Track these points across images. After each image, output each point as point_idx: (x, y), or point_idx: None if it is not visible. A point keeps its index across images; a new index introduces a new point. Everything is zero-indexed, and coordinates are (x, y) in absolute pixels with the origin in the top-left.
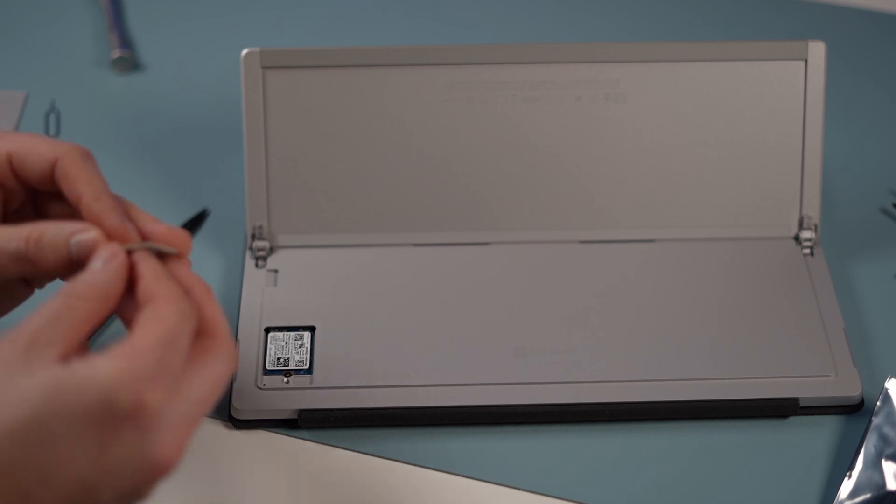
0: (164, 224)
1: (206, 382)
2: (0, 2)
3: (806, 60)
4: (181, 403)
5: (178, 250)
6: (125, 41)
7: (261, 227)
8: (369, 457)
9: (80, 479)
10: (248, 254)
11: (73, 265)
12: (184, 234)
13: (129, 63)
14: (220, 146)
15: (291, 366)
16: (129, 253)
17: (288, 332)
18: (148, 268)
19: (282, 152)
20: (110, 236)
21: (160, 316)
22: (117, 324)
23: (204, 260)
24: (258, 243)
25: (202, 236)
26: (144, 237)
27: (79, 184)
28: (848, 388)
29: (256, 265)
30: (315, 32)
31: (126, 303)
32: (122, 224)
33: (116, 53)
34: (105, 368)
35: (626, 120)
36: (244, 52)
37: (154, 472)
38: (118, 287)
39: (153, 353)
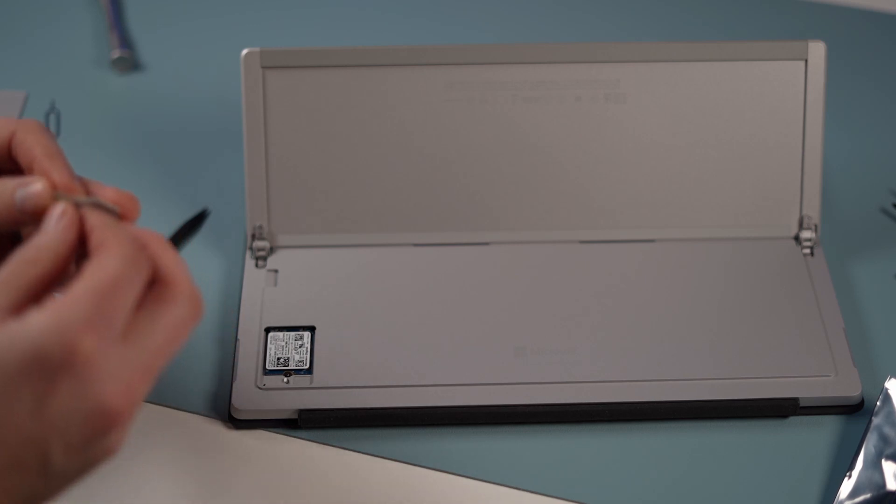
0: (113, 187)
1: (163, 330)
2: (0, 2)
3: (806, 60)
4: (133, 352)
5: (124, 211)
6: (125, 41)
7: (261, 227)
8: (369, 457)
9: (24, 436)
10: (248, 254)
11: (21, 218)
12: (133, 197)
13: (129, 63)
14: (220, 146)
15: (291, 366)
16: (79, 208)
17: (288, 332)
18: (98, 220)
19: (282, 152)
20: (58, 190)
21: (101, 263)
22: None
23: (204, 260)
24: (258, 243)
25: (202, 236)
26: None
27: (34, 147)
28: (848, 388)
29: (256, 265)
30: (315, 32)
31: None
32: (71, 179)
33: (116, 53)
34: (36, 320)
35: (626, 120)
36: (244, 52)
37: (103, 422)
38: (69, 245)
39: (88, 301)
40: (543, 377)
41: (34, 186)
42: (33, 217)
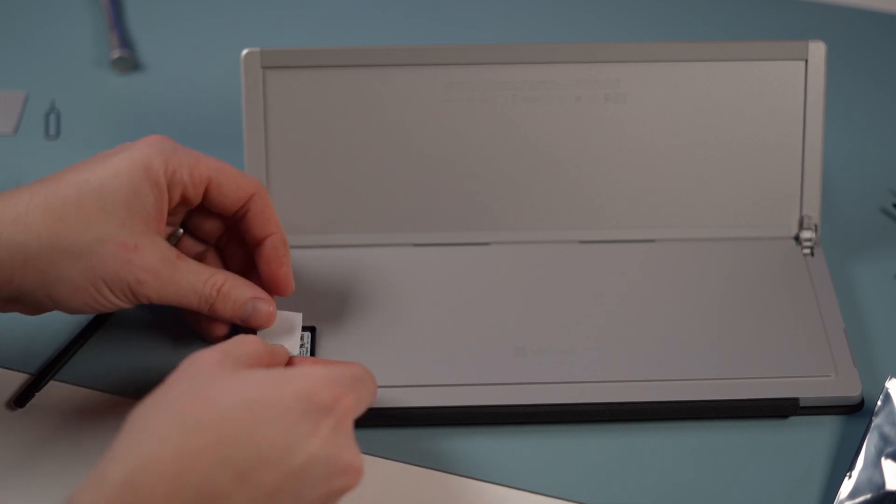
0: (285, 268)
1: None
2: (0, 2)
3: (806, 60)
4: None
5: (285, 294)
6: (125, 41)
7: None
8: (369, 457)
9: (288, 468)
10: None
11: (238, 321)
12: (290, 282)
13: (129, 63)
14: (220, 146)
15: None
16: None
17: None
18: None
19: (282, 152)
20: (279, 282)
21: (352, 365)
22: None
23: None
24: None
25: None
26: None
27: (272, 224)
28: (848, 388)
29: None
30: (315, 32)
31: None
32: (290, 278)
33: (116, 53)
34: (313, 368)
35: (626, 120)
36: (244, 52)
37: (343, 474)
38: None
39: (349, 376)
40: (543, 377)
41: (266, 307)
42: (247, 323)
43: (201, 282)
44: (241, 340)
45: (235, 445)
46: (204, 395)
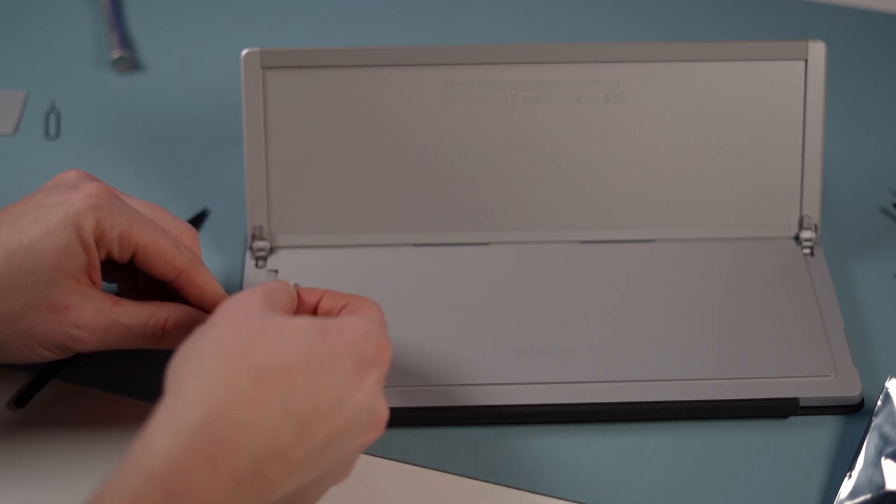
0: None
1: None
2: (0, 2)
3: (806, 60)
4: None
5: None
6: (125, 41)
7: (261, 227)
8: (370, 457)
9: (339, 419)
10: (248, 254)
11: None
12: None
13: (129, 63)
14: (220, 146)
15: None
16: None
17: None
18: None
19: (282, 152)
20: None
21: (375, 309)
22: None
23: (204, 260)
24: (258, 243)
25: (202, 236)
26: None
27: (208, 296)
28: (848, 388)
29: (256, 265)
30: (315, 32)
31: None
32: None
33: (116, 53)
34: (355, 319)
35: (626, 120)
36: (244, 52)
37: (378, 422)
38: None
39: (380, 321)
40: (544, 377)
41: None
42: None
43: (142, 324)
44: (273, 288)
45: (298, 396)
46: (264, 339)
